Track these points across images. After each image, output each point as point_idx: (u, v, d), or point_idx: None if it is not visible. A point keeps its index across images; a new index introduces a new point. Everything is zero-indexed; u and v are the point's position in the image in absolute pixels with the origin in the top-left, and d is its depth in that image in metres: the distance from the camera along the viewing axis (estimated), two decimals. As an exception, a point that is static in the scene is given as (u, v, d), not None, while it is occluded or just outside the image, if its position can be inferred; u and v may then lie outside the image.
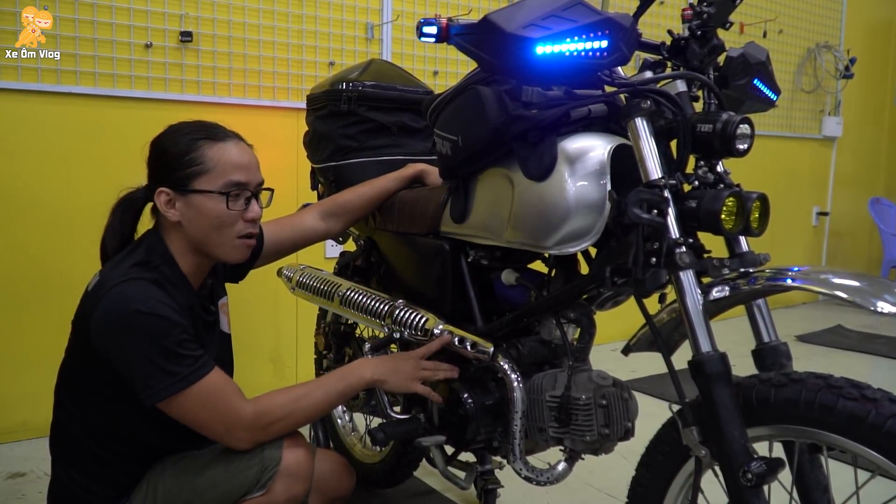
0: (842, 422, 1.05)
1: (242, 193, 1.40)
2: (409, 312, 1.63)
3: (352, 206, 1.81)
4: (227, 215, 1.39)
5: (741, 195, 1.19)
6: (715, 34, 1.31)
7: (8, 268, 2.57)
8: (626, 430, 1.37)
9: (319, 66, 3.12)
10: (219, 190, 1.38)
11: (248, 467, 1.36)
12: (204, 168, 1.38)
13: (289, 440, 1.39)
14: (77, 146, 2.63)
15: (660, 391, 3.10)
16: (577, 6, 1.14)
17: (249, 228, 1.43)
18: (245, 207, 1.41)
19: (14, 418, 2.52)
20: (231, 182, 1.38)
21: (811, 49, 5.24)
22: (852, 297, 1.07)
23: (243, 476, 1.36)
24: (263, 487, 1.35)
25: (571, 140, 1.30)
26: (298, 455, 1.38)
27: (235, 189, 1.39)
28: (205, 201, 1.38)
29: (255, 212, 1.43)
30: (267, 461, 1.36)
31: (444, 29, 1.21)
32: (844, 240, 5.91)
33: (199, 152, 1.38)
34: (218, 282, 1.59)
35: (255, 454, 1.37)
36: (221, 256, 1.44)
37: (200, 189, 1.38)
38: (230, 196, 1.38)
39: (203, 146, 1.39)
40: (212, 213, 1.38)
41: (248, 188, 1.41)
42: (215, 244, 1.41)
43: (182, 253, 1.42)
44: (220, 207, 1.38)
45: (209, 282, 1.53)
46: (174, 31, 2.77)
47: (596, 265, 1.35)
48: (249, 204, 1.42)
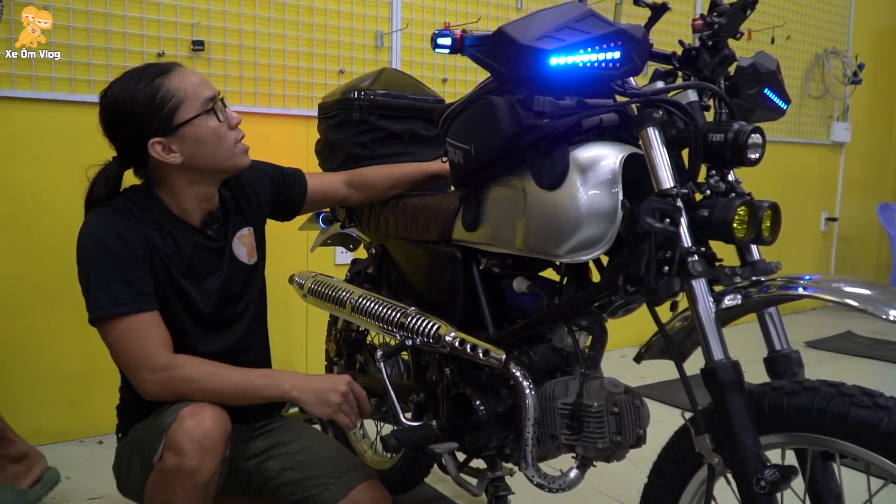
0: (854, 429, 1.05)
1: (216, 105, 1.46)
2: (420, 320, 1.64)
3: (372, 180, 1.85)
4: (219, 127, 1.45)
5: (753, 204, 1.20)
6: (725, 44, 1.32)
7: (22, 276, 2.59)
8: (638, 438, 1.38)
9: (329, 74, 3.14)
10: (202, 111, 1.43)
11: (155, 427, 1.37)
12: (178, 100, 1.41)
13: (187, 409, 1.32)
14: (91, 154, 2.64)
15: (669, 398, 3.10)
16: (589, 18, 1.15)
17: (239, 133, 1.50)
18: (224, 117, 1.47)
19: (28, 424, 2.54)
20: (206, 98, 1.44)
21: (819, 55, 5.24)
22: (864, 305, 1.07)
23: (155, 431, 1.37)
24: (158, 451, 1.33)
25: (583, 149, 1.31)
26: (186, 426, 1.29)
27: (211, 103, 1.45)
28: (196, 128, 1.43)
29: (234, 117, 1.49)
30: (163, 425, 1.34)
31: (458, 40, 1.22)
32: (853, 245, 5.89)
33: (164, 90, 1.41)
34: (239, 215, 1.64)
35: (162, 414, 1.36)
36: (231, 167, 1.50)
37: (186, 119, 1.42)
38: (213, 110, 1.44)
39: (163, 82, 1.41)
40: (208, 133, 1.44)
41: (217, 99, 1.47)
42: (222, 159, 1.47)
43: (181, 190, 1.48)
44: (211, 124, 1.44)
45: (218, 208, 1.58)
46: (186, 40, 2.79)
47: (608, 273, 1.36)
48: (225, 112, 1.47)
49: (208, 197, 1.53)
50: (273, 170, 1.75)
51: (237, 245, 1.61)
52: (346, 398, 1.45)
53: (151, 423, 1.41)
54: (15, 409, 2.11)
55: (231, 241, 1.60)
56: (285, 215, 1.83)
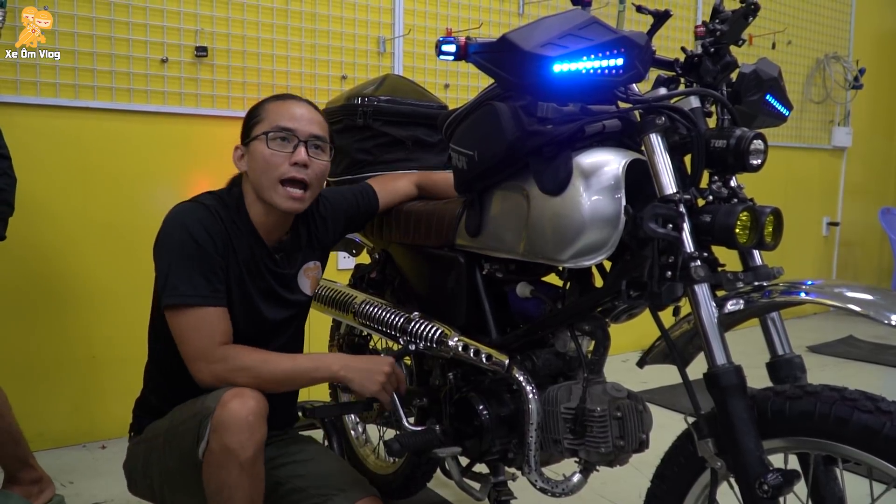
0: (857, 434, 1.06)
1: (289, 137, 1.50)
2: (424, 325, 1.65)
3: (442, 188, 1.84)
4: (271, 155, 1.49)
5: (755, 210, 1.21)
6: (728, 51, 1.33)
7: (26, 280, 2.60)
8: (641, 442, 1.38)
9: (332, 80, 3.15)
10: (264, 132, 1.50)
11: (196, 413, 1.41)
12: (260, 119, 1.53)
13: (229, 393, 1.37)
14: (94, 159, 2.67)
15: (672, 402, 3.10)
16: (592, 25, 1.16)
17: (293, 172, 1.50)
18: (292, 152, 1.50)
19: (31, 429, 2.54)
20: (278, 126, 1.50)
21: (820, 60, 5.25)
22: (865, 309, 1.08)
23: (192, 421, 1.40)
24: (205, 438, 1.37)
25: (586, 155, 1.32)
26: (231, 406, 1.35)
27: (280, 132, 1.50)
28: (257, 145, 1.51)
29: (300, 155, 1.50)
30: (205, 411, 1.38)
31: (462, 47, 1.23)
32: (855, 250, 5.90)
33: (261, 108, 1.55)
34: (310, 248, 1.68)
35: (200, 402, 1.41)
36: (269, 200, 1.52)
37: (254, 136, 1.52)
38: (269, 136, 1.49)
39: (267, 104, 1.55)
40: (260, 155, 1.51)
41: (294, 133, 1.51)
42: (264, 187, 1.51)
43: (252, 201, 1.55)
44: (265, 149, 1.50)
45: (288, 238, 1.62)
46: (189, 46, 2.81)
47: (611, 278, 1.37)
48: (296, 149, 1.50)
49: (276, 225, 1.58)
50: (349, 203, 1.78)
51: (302, 277, 1.67)
52: (390, 378, 1.54)
53: (184, 415, 1.45)
54: (17, 414, 2.12)
55: (299, 271, 1.66)
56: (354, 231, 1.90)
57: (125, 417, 1.67)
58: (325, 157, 1.56)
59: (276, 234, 1.59)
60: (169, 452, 1.47)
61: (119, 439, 2.69)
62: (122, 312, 2.69)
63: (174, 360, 1.49)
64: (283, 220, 1.59)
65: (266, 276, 1.58)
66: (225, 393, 1.37)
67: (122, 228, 2.72)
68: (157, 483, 1.53)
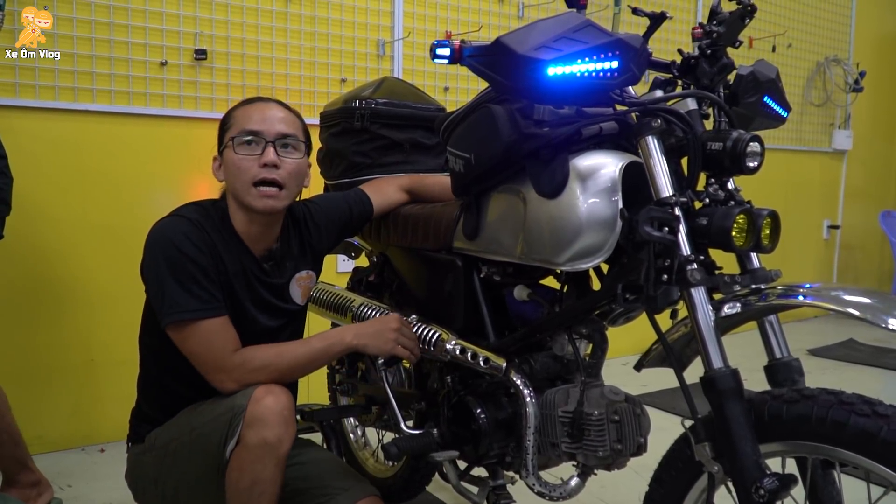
0: (854, 438, 1.05)
1: (255, 140, 1.49)
2: (421, 328, 1.64)
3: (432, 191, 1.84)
4: (240, 160, 1.49)
5: (752, 212, 1.20)
6: (725, 53, 1.32)
7: (24, 283, 2.60)
8: (639, 446, 1.38)
9: (331, 82, 3.15)
10: (231, 137, 1.50)
11: (222, 413, 1.41)
12: (228, 126, 1.53)
13: (260, 389, 1.40)
14: (93, 162, 2.67)
15: (671, 406, 3.10)
16: (587, 28, 1.16)
17: (263, 174, 1.49)
18: (261, 154, 1.49)
19: (29, 432, 2.54)
20: (243, 130, 1.49)
21: (820, 62, 5.25)
22: (863, 313, 1.07)
23: (218, 421, 1.41)
24: (235, 435, 1.38)
25: (583, 158, 1.31)
26: (265, 402, 1.38)
27: (246, 136, 1.49)
28: (228, 153, 1.51)
29: (269, 157, 1.49)
30: (236, 409, 1.39)
31: (457, 51, 1.23)
32: (855, 253, 5.89)
33: (230, 115, 1.54)
34: (303, 257, 1.68)
35: (228, 401, 1.42)
36: (245, 204, 1.51)
37: (224, 144, 1.52)
38: (236, 142, 1.49)
39: (234, 111, 1.55)
40: (231, 161, 1.50)
41: (261, 135, 1.49)
42: (240, 192, 1.50)
43: (234, 210, 1.54)
44: (234, 154, 1.50)
45: (277, 247, 1.61)
46: (189, 49, 2.81)
47: (608, 281, 1.36)
48: (265, 151, 1.49)
49: (262, 234, 1.56)
50: (343, 210, 1.77)
51: (294, 286, 1.65)
52: (401, 332, 1.58)
53: (204, 417, 1.45)
54: (16, 417, 2.12)
55: (290, 280, 1.64)
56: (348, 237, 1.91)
57: (124, 421, 1.67)
58: (297, 154, 1.54)
59: (263, 244, 1.58)
60: (188, 456, 1.47)
61: (118, 443, 2.69)
62: (120, 316, 2.68)
63: (166, 372, 1.50)
64: (269, 228, 1.57)
65: (256, 285, 1.57)
66: (256, 390, 1.39)
67: (121, 232, 2.72)
68: (170, 490, 1.52)
